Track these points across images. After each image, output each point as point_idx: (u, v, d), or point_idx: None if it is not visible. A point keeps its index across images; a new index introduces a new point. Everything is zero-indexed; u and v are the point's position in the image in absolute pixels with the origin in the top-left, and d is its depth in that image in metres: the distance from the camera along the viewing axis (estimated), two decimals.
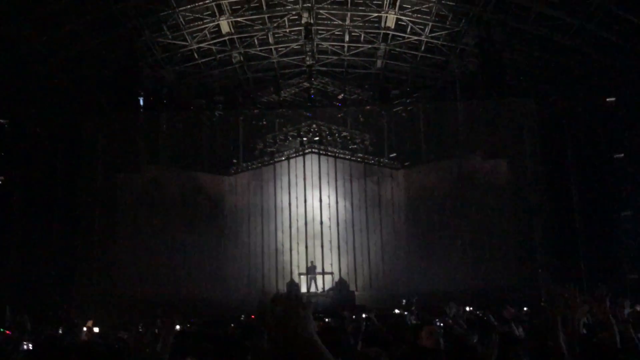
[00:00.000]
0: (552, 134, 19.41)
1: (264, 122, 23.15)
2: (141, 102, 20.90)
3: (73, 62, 18.77)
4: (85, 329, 9.23)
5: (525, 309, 11.81)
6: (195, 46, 20.60)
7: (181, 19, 19.11)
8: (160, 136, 21.44)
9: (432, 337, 4.56)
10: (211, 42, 20.74)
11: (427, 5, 18.83)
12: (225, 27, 20.06)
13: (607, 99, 18.24)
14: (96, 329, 9.03)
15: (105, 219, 19.60)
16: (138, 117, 20.84)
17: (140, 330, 8.95)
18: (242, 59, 21.84)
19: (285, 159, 22.93)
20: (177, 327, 9.91)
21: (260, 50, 21.81)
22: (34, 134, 18.58)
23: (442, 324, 6.46)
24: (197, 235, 20.57)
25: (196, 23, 19.63)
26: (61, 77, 18.75)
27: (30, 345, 4.98)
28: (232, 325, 9.88)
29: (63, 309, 17.97)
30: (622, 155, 18.10)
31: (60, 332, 11.28)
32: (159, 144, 21.34)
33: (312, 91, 22.97)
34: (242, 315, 13.86)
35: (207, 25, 19.81)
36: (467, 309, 9.99)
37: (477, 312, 9.94)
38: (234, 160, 23.13)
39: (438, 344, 4.49)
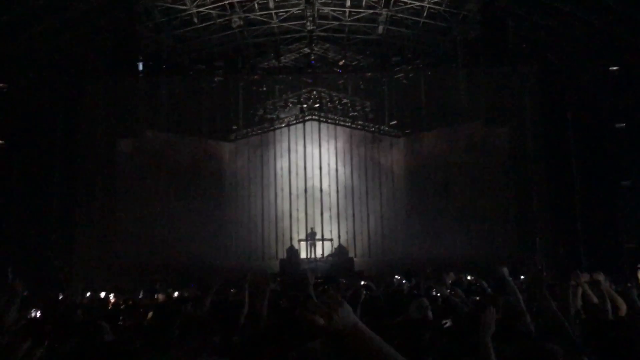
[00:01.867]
0: (554, 102, 19.28)
1: (264, 88, 22.98)
2: (140, 67, 20.70)
3: (71, 25, 18.51)
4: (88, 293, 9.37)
5: (522, 277, 11.95)
6: (194, 10, 20.27)
7: None
8: (159, 101, 21.31)
9: (421, 311, 4.64)
10: (211, 6, 20.41)
11: None
12: None
13: (610, 68, 18.07)
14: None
15: (105, 183, 19.66)
16: (137, 82, 20.69)
17: (141, 296, 9.09)
18: (242, 23, 21.50)
19: (285, 126, 22.86)
20: (176, 293, 10.06)
21: (261, 15, 21.46)
22: (33, 98, 18.44)
23: (439, 294, 6.51)
24: (197, 201, 20.64)
25: None
26: (60, 40, 18.52)
27: (38, 312, 5.06)
28: (232, 290, 10.00)
29: (64, 272, 18.16)
30: (624, 125, 18.01)
31: (60, 297, 11.45)
32: (158, 109, 21.23)
33: (313, 57, 22.71)
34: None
35: None
36: (468, 277, 10.07)
37: (473, 280, 10.02)
38: (234, 127, 23.06)
39: (426, 317, 4.58)
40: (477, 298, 6.40)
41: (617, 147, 18.12)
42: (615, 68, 17.96)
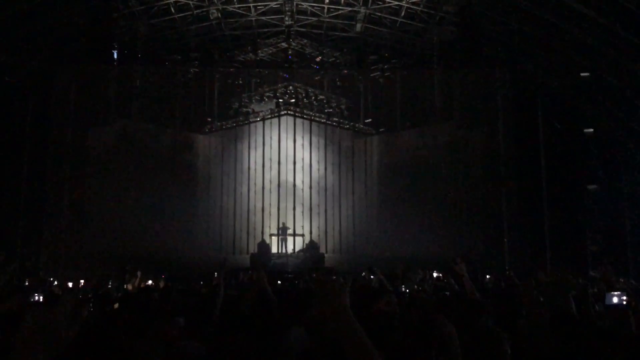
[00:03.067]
0: (526, 105, 19.63)
1: (240, 82, 22.89)
2: (115, 55, 20.42)
3: (46, 9, 18.17)
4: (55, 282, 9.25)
5: (487, 277, 12.19)
6: (172, 0, 20.10)
7: None
8: (133, 90, 21.07)
9: (389, 307, 4.70)
10: None
11: None
12: None
13: (581, 74, 18.47)
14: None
15: (75, 172, 19.36)
16: (111, 70, 20.40)
17: (110, 285, 9.03)
18: (219, 15, 21.38)
19: (260, 120, 22.80)
20: (149, 282, 10.01)
21: (239, 8, 21.37)
22: (4, 82, 18.07)
23: (407, 290, 6.62)
24: (168, 192, 20.45)
25: None
26: (34, 24, 18.17)
27: (42, 296, 4.98)
28: (202, 283, 10.00)
29: (31, 261, 17.88)
30: (592, 130, 18.46)
31: (27, 284, 11.28)
32: (131, 98, 20.98)
33: (290, 52, 22.70)
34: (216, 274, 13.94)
35: None
36: (434, 274, 10.21)
37: (441, 277, 10.16)
38: (208, 119, 22.92)
39: (395, 313, 4.64)
40: (447, 293, 6.52)
41: (585, 152, 18.58)
42: (586, 74, 18.37)
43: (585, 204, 18.76)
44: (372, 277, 10.39)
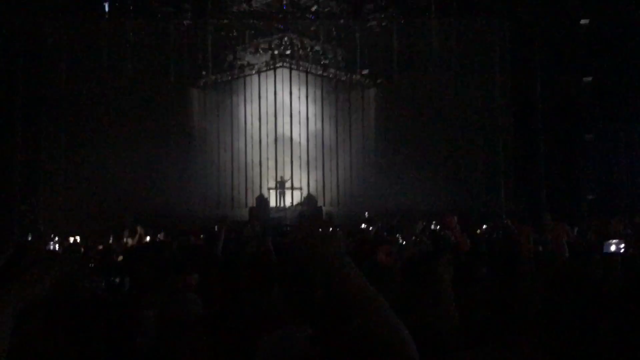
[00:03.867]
0: (523, 54, 19.41)
1: (234, 34, 22.45)
2: (106, 8, 19.95)
3: None
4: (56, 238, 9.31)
5: (484, 226, 12.29)
6: None
7: None
8: (126, 44, 20.66)
9: (390, 256, 4.72)
10: None
11: None
12: None
13: (581, 21, 18.19)
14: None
15: (70, 128, 19.23)
16: (102, 23, 19.98)
17: (110, 242, 9.09)
18: None
19: (255, 73, 22.51)
20: (147, 238, 10.07)
21: None
22: None
23: (404, 242, 6.66)
24: (164, 147, 20.30)
25: None
26: None
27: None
28: (202, 236, 10.06)
29: (29, 217, 17.95)
30: (590, 78, 18.30)
31: (29, 239, 11.37)
32: (125, 52, 20.60)
33: (285, 2, 22.20)
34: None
35: None
36: (432, 227, 10.29)
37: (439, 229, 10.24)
38: (203, 72, 22.59)
39: (395, 263, 4.65)
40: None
41: (583, 101, 18.46)
42: (585, 22, 18.10)
43: (581, 153, 18.78)
44: (370, 227, 10.49)
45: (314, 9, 22.36)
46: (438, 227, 10.06)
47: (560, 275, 3.58)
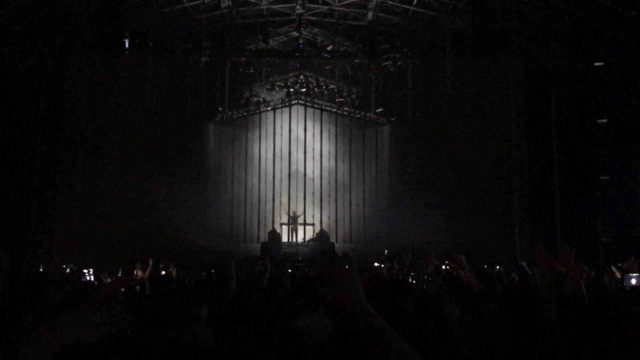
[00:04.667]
0: (538, 96, 19.48)
1: (251, 71, 22.86)
2: (127, 45, 20.46)
3: None
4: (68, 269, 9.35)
5: (497, 267, 12.13)
6: None
7: None
8: (145, 80, 21.10)
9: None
10: None
11: None
12: None
13: (595, 64, 18.29)
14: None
15: (88, 160, 19.52)
16: (123, 59, 20.46)
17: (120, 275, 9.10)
18: (230, 4, 21.33)
19: (271, 109, 22.79)
20: (163, 272, 10.08)
21: None
22: (16, 71, 18.17)
23: (415, 281, 6.60)
24: (181, 181, 20.49)
25: None
26: (45, 13, 18.24)
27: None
28: (212, 271, 10.06)
29: (44, 247, 18.07)
30: (605, 120, 18.29)
31: (40, 269, 11.41)
32: (144, 87, 21.02)
33: (301, 41, 22.62)
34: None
35: None
36: (445, 266, 10.16)
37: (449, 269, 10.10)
38: (220, 108, 22.93)
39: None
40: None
41: (598, 143, 18.42)
42: (600, 64, 18.19)
43: (597, 195, 18.63)
44: (382, 265, 10.41)
45: (329, 48, 22.73)
46: (449, 267, 9.96)
47: (591, 321, 3.50)
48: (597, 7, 17.26)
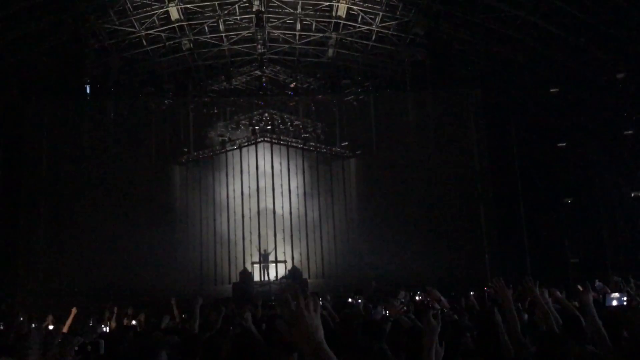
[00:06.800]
0: (498, 123, 19.92)
1: (215, 111, 22.87)
2: (87, 90, 20.32)
3: (16, 45, 18.07)
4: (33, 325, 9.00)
5: (471, 292, 12.15)
6: (143, 33, 20.14)
7: (128, 5, 18.65)
8: (108, 124, 20.91)
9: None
10: (160, 28, 20.34)
11: None
12: (174, 13, 19.71)
13: (551, 90, 18.87)
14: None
15: (49, 209, 19.06)
16: (84, 104, 20.26)
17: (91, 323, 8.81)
18: (192, 46, 21.50)
19: (237, 148, 22.75)
20: (133, 322, 9.80)
21: (211, 38, 21.52)
22: None
23: (387, 312, 6.55)
24: (148, 225, 20.11)
25: (144, 9, 19.19)
26: (4, 59, 18.05)
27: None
28: (183, 316, 9.82)
29: (6, 303, 17.41)
30: (565, 144, 18.80)
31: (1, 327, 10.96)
32: (107, 132, 20.81)
33: (264, 79, 22.82)
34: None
35: (155, 12, 19.40)
36: (417, 297, 10.15)
37: (421, 299, 10.10)
38: (185, 149, 22.82)
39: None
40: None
41: (559, 166, 18.88)
42: (555, 90, 18.78)
43: (562, 217, 19.00)
44: (359, 300, 10.33)
45: (292, 85, 22.97)
46: (420, 297, 9.95)
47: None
48: (547, 35, 17.91)
